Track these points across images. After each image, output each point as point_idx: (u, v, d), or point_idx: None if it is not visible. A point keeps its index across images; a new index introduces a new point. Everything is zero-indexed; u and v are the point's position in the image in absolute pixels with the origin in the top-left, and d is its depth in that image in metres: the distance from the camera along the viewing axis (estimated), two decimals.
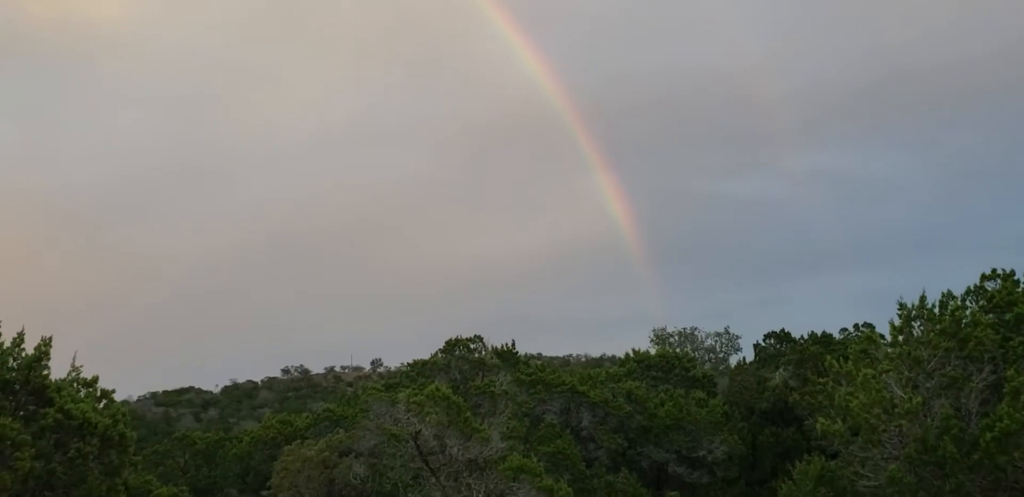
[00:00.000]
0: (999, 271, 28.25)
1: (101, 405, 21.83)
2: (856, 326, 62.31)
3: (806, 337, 51.74)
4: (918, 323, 25.93)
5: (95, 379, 22.23)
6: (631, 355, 50.05)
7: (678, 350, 60.93)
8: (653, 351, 53.52)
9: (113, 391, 22.30)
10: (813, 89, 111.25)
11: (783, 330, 55.40)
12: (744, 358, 59.69)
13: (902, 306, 26.59)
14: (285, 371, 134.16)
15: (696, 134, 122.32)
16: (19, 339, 20.99)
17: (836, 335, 52.61)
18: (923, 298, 25.55)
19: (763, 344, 55.95)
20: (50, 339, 21.19)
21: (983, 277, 28.27)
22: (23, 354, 21.09)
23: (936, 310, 25.66)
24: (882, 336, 28.78)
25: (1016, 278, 27.71)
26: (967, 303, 26.78)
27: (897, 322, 26.69)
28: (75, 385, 21.83)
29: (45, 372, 20.97)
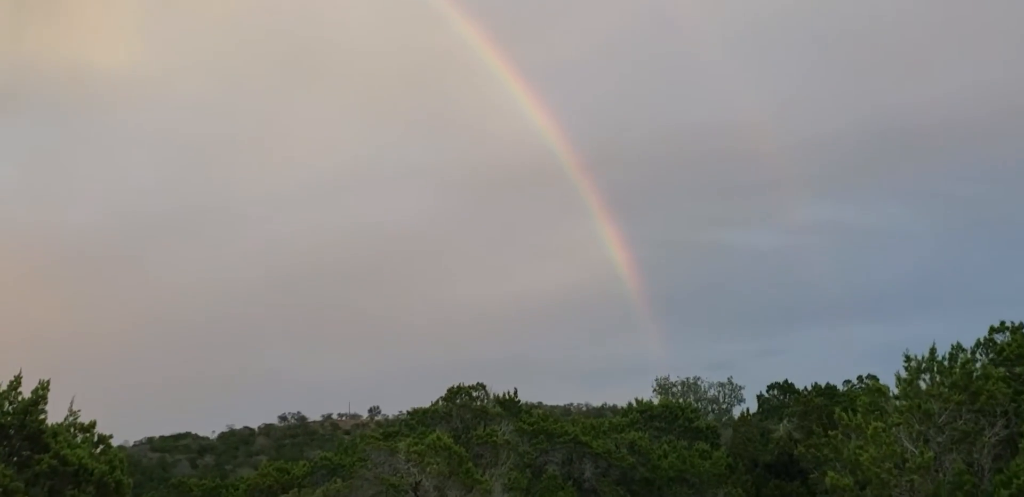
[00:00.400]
0: (1008, 323, 28.01)
1: (98, 451, 21.35)
2: (860, 378, 61.83)
3: (810, 389, 51.24)
4: (928, 376, 25.63)
5: (92, 424, 21.76)
6: (634, 405, 49.48)
7: (681, 400, 60.30)
8: (656, 401, 52.95)
9: (110, 436, 21.83)
10: (814, 143, 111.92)
11: (786, 381, 54.92)
12: (747, 409, 59.03)
13: (908, 358, 26.33)
14: (282, 418, 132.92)
15: (697, 185, 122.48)
16: (16, 382, 20.63)
17: (840, 387, 52.14)
18: (933, 350, 25.30)
19: (766, 395, 55.39)
20: (47, 383, 20.83)
21: (992, 329, 27.99)
22: (19, 398, 20.71)
23: (946, 363, 25.39)
24: (888, 388, 28.42)
25: None
26: (977, 356, 26.48)
27: (904, 374, 26.39)
28: (72, 430, 21.39)
29: (42, 417, 20.56)
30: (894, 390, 27.10)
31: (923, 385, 25.86)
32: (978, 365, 25.50)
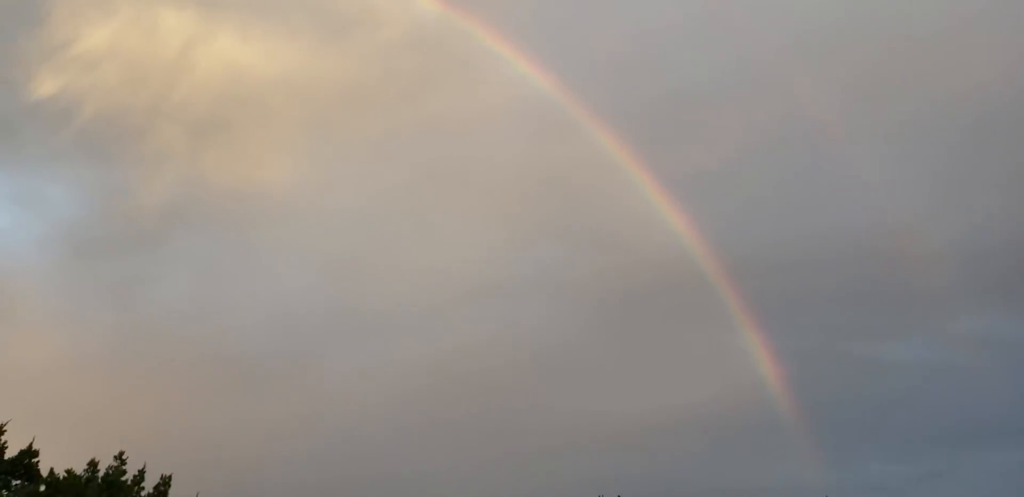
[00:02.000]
0: None
1: None
2: None
3: None
4: None
5: None
6: None
7: None
8: None
9: None
10: (978, 248, 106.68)
11: None
12: None
13: None
14: None
15: (847, 294, 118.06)
16: (139, 477, 20.90)
17: None
18: None
19: None
20: (169, 478, 21.04)
21: None
22: (142, 493, 20.95)
23: None
24: None
25: None
26: None
27: None
28: None
29: None
30: None
31: None
32: None
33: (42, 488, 21.17)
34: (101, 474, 20.92)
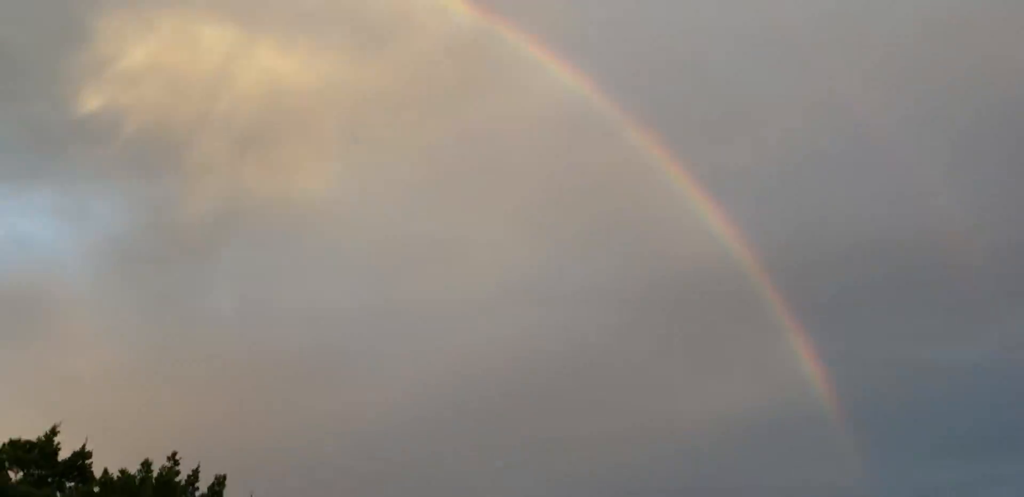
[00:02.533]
0: None
1: None
2: None
3: None
4: None
5: None
6: None
7: None
8: None
9: None
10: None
11: None
12: None
13: None
14: None
15: (899, 297, 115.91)
16: (193, 476, 20.95)
17: None
18: None
19: None
20: (224, 478, 21.07)
21: None
22: (196, 493, 20.99)
23: None
24: None
25: None
26: None
27: None
28: None
29: None
30: None
31: None
32: None
33: (96, 489, 21.28)
34: (155, 474, 21.00)
